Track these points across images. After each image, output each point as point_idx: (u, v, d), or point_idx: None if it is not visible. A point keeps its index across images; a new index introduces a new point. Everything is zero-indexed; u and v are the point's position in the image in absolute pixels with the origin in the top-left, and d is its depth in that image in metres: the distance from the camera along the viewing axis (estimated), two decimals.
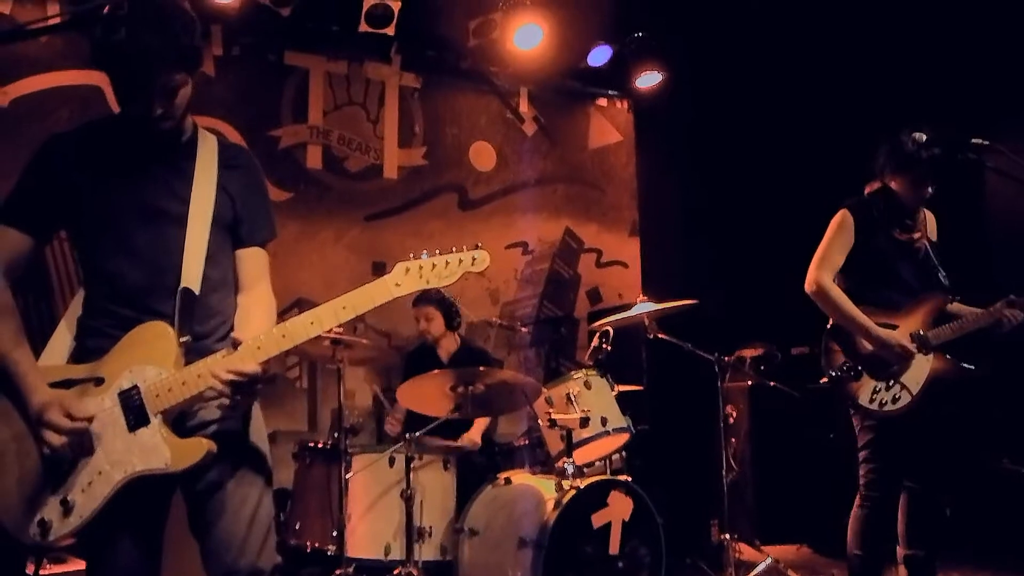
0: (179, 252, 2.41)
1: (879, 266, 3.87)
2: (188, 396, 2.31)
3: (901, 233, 3.90)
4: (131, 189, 2.42)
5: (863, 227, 3.86)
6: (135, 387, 2.32)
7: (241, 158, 2.65)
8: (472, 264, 2.38)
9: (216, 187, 2.50)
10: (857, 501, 3.81)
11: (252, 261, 2.60)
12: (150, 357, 2.33)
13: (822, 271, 3.84)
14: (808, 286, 3.86)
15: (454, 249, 2.39)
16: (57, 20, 5.39)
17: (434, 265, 2.36)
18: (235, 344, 2.31)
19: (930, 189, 3.85)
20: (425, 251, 2.38)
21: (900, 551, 3.86)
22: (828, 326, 3.92)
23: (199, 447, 2.31)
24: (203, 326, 2.45)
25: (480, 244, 2.40)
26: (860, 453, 3.82)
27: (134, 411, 2.31)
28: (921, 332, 3.79)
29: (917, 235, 3.94)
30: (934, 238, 4.04)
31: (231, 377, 2.26)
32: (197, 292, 2.41)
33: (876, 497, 3.75)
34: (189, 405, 2.37)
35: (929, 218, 4.07)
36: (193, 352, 2.37)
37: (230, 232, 2.55)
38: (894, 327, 3.77)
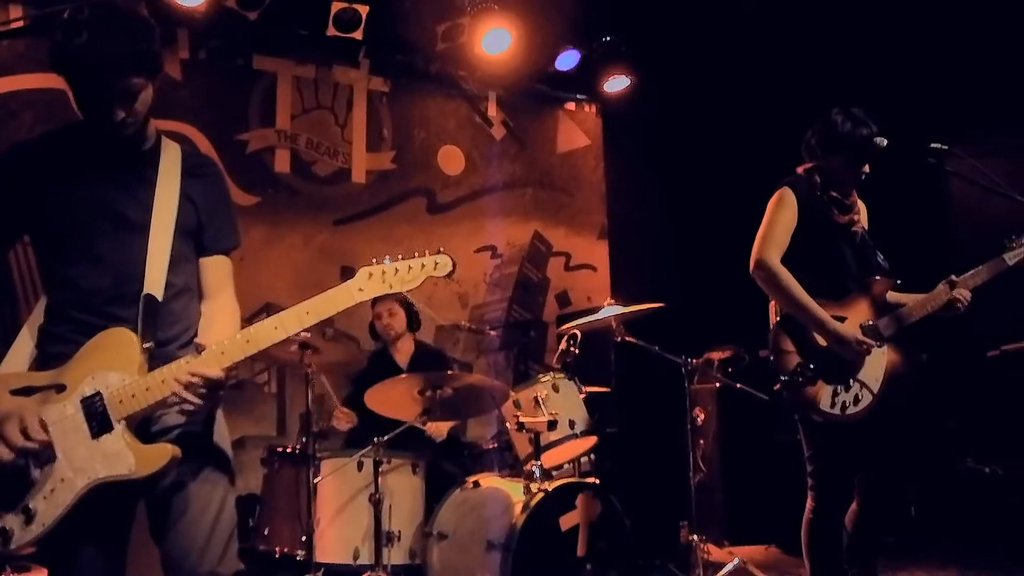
0: (142, 258, 2.40)
1: (821, 249, 3.60)
2: (152, 402, 2.30)
3: (840, 215, 3.65)
4: (94, 196, 2.41)
5: (805, 205, 3.59)
6: (98, 393, 2.30)
7: (205, 167, 2.64)
8: (435, 269, 2.40)
9: (179, 194, 2.49)
10: (808, 507, 3.58)
11: (216, 269, 2.60)
12: (113, 363, 2.32)
13: (768, 250, 3.52)
14: (753, 266, 3.54)
15: (416, 254, 2.41)
16: (20, 24, 5.34)
17: (397, 270, 2.38)
18: (199, 349, 2.32)
19: (866, 169, 3.64)
20: (388, 256, 2.40)
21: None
22: (777, 319, 3.61)
23: (163, 452, 2.30)
24: (166, 332, 2.44)
25: (443, 248, 2.42)
26: (809, 458, 3.58)
27: (97, 418, 2.30)
28: (871, 323, 3.55)
29: (856, 217, 3.72)
30: (866, 226, 3.81)
31: (195, 381, 2.26)
32: (160, 298, 2.40)
33: (828, 504, 3.54)
34: (153, 411, 2.36)
35: (860, 205, 3.83)
36: (156, 358, 2.36)
37: (193, 239, 2.55)
38: (842, 318, 3.51)
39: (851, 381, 3.50)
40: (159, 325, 2.40)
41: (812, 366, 3.47)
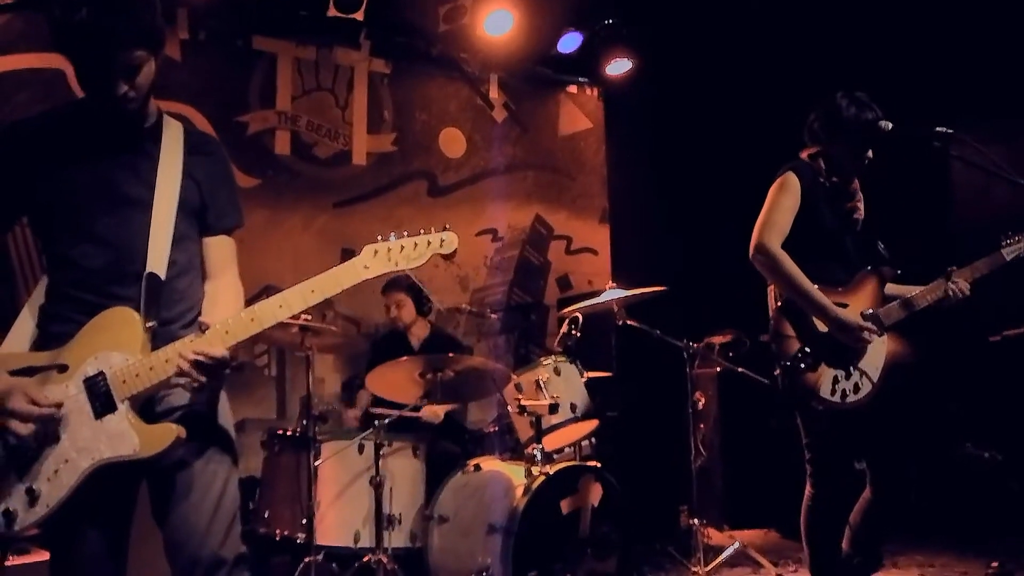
0: (144, 237, 2.37)
1: (823, 236, 3.55)
2: (155, 382, 2.27)
3: (844, 202, 3.63)
4: (95, 174, 2.38)
5: (809, 191, 3.53)
6: (101, 373, 2.28)
7: (208, 145, 2.61)
8: (440, 246, 2.38)
9: (182, 172, 2.46)
10: (807, 494, 3.56)
11: (219, 249, 2.58)
12: (116, 343, 2.30)
13: (769, 234, 3.45)
14: (753, 251, 3.48)
15: (422, 231, 2.38)
16: None
17: (402, 247, 2.35)
18: (203, 328, 2.29)
19: (870, 155, 3.60)
20: (393, 233, 2.37)
21: (844, 546, 3.61)
22: (778, 304, 3.55)
23: (168, 432, 2.28)
24: (169, 311, 2.41)
25: (448, 226, 2.40)
26: (807, 445, 3.55)
27: (100, 398, 2.28)
28: (872, 311, 3.50)
29: (860, 204, 3.68)
30: (863, 215, 3.76)
31: (199, 360, 2.23)
32: (163, 277, 2.37)
33: (827, 491, 3.51)
34: (156, 391, 2.34)
35: (860, 194, 3.77)
36: (159, 338, 2.33)
37: (197, 218, 2.52)
38: (844, 306, 3.45)
39: (851, 369, 3.45)
40: (162, 304, 2.38)
41: (813, 352, 3.42)
